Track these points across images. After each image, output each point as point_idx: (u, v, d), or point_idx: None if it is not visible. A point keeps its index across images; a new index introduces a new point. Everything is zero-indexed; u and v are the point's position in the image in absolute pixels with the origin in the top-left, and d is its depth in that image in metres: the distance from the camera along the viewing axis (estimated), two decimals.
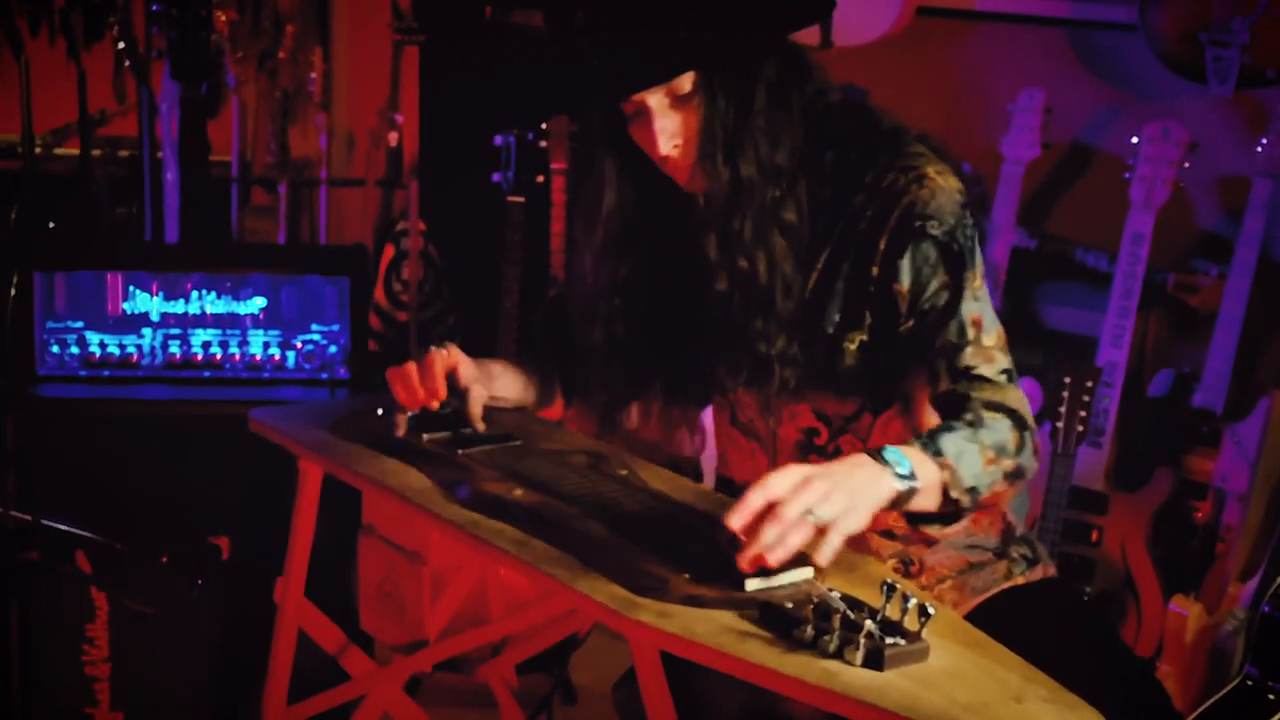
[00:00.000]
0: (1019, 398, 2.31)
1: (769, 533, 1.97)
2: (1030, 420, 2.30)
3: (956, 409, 2.27)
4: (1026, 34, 4.81)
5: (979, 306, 2.34)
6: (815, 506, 1.99)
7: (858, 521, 2.03)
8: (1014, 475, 2.26)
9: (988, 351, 2.32)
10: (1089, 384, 3.94)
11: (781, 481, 2.01)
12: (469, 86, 5.54)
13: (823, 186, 2.38)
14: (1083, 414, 3.93)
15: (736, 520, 2.00)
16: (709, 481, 4.38)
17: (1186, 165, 4.11)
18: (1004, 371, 2.33)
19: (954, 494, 2.17)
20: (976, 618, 2.42)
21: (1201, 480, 4.15)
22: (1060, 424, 3.94)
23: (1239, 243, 4.14)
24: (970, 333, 2.32)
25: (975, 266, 2.34)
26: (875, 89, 4.46)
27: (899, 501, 2.11)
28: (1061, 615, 2.52)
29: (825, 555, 1.99)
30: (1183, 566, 4.12)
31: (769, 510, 1.99)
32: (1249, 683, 3.12)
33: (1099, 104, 4.69)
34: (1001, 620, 2.36)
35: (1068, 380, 3.95)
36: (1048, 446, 3.97)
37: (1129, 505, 4.12)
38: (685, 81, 2.30)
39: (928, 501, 2.16)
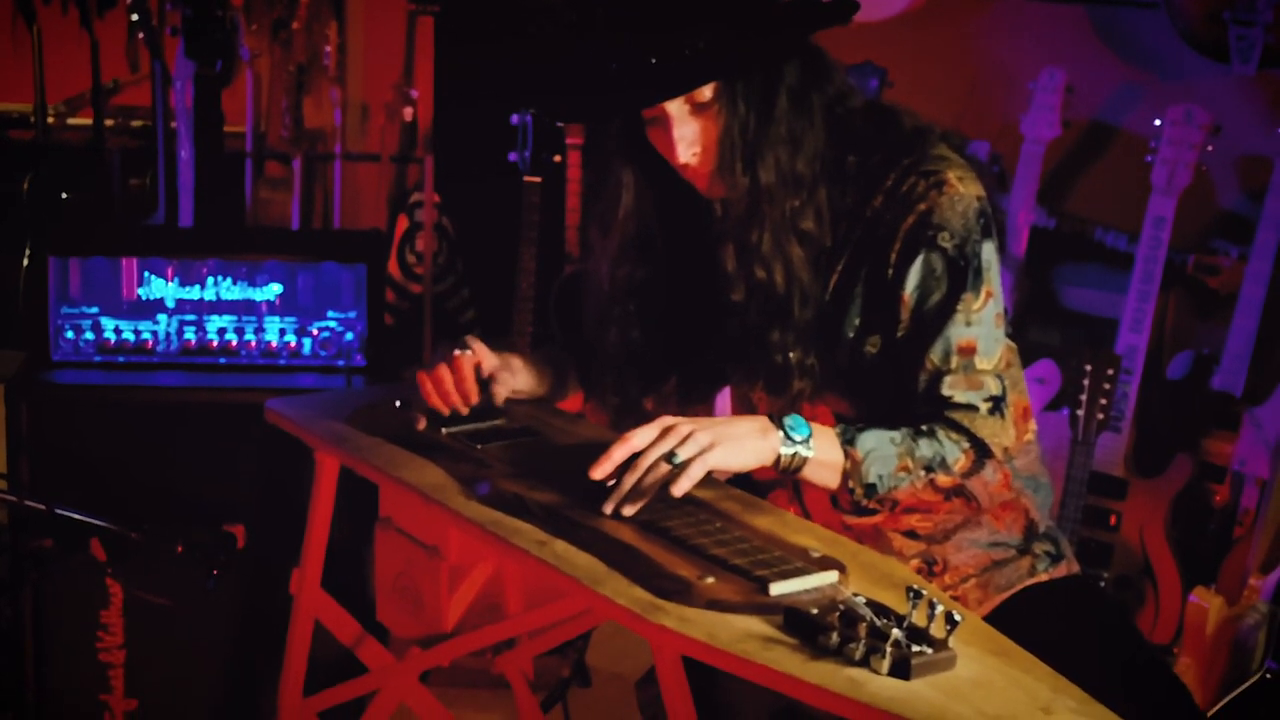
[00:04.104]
0: (994, 429, 2.31)
1: (627, 481, 2.14)
2: (998, 454, 2.30)
3: (916, 420, 2.29)
4: (1047, 11, 4.77)
5: (972, 332, 2.31)
6: (676, 449, 2.12)
7: (722, 459, 2.14)
8: (952, 491, 2.29)
9: (976, 377, 2.31)
10: (1110, 372, 3.92)
11: (643, 433, 2.16)
12: (485, 59, 5.50)
13: (844, 192, 2.35)
14: (1103, 402, 3.91)
15: (598, 473, 2.17)
16: None
17: (1209, 149, 4.08)
18: (990, 399, 2.31)
19: (851, 483, 2.24)
20: (1000, 615, 2.43)
21: (1220, 463, 4.13)
22: (1080, 412, 3.92)
23: (1260, 224, 4.11)
24: (955, 360, 2.30)
25: (980, 288, 2.31)
26: (894, 66, 4.44)
27: (788, 465, 2.20)
28: (1085, 613, 2.50)
29: (681, 486, 2.12)
30: (1200, 551, 4.10)
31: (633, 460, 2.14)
32: (1269, 676, 3.11)
33: (1119, 82, 4.65)
34: (1025, 618, 2.37)
35: (1088, 369, 3.93)
36: (1067, 434, 3.94)
37: (1148, 490, 4.10)
38: (706, 88, 2.27)
39: (825, 477, 2.24)
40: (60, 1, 5.57)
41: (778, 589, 1.95)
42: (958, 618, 1.80)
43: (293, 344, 3.61)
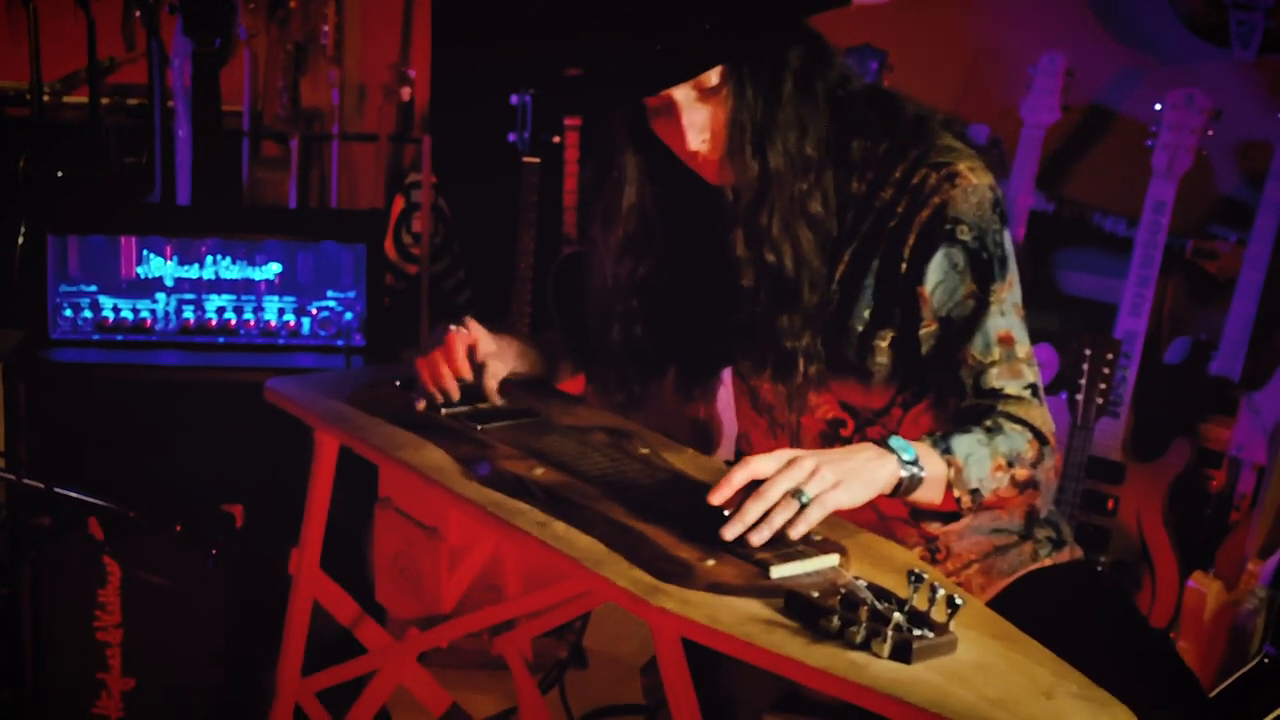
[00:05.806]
0: (1042, 415, 2.30)
1: (752, 509, 2.01)
2: (1051, 438, 2.29)
3: (978, 417, 2.26)
4: None
5: (1007, 322, 2.31)
6: (801, 484, 2.01)
7: (847, 499, 2.05)
8: (1025, 484, 2.26)
9: (1016, 367, 2.30)
10: (1109, 356, 3.92)
11: (766, 461, 2.04)
12: (482, 39, 5.49)
13: (849, 178, 2.34)
14: (1102, 387, 3.91)
15: (717, 497, 2.04)
16: (725, 441, 4.37)
17: (1210, 133, 4.07)
18: (1029, 386, 2.31)
19: (957, 492, 2.18)
20: (1003, 600, 2.43)
21: (1217, 448, 4.14)
22: (1080, 396, 3.92)
23: (1259, 209, 4.10)
24: (998, 351, 2.29)
25: (1006, 276, 2.31)
26: (894, 49, 4.43)
27: (902, 489, 2.12)
28: (1088, 598, 2.50)
29: (798, 529, 2.00)
30: (1197, 536, 4.10)
31: (756, 487, 2.02)
32: (1267, 661, 3.11)
33: (1119, 66, 4.64)
34: (1028, 603, 2.37)
35: (1088, 353, 3.92)
36: (1066, 418, 3.94)
37: (1145, 475, 4.10)
38: (713, 74, 2.26)
39: (931, 494, 2.17)
40: None
41: (778, 572, 1.95)
42: (959, 601, 1.80)
43: (292, 323, 3.60)
